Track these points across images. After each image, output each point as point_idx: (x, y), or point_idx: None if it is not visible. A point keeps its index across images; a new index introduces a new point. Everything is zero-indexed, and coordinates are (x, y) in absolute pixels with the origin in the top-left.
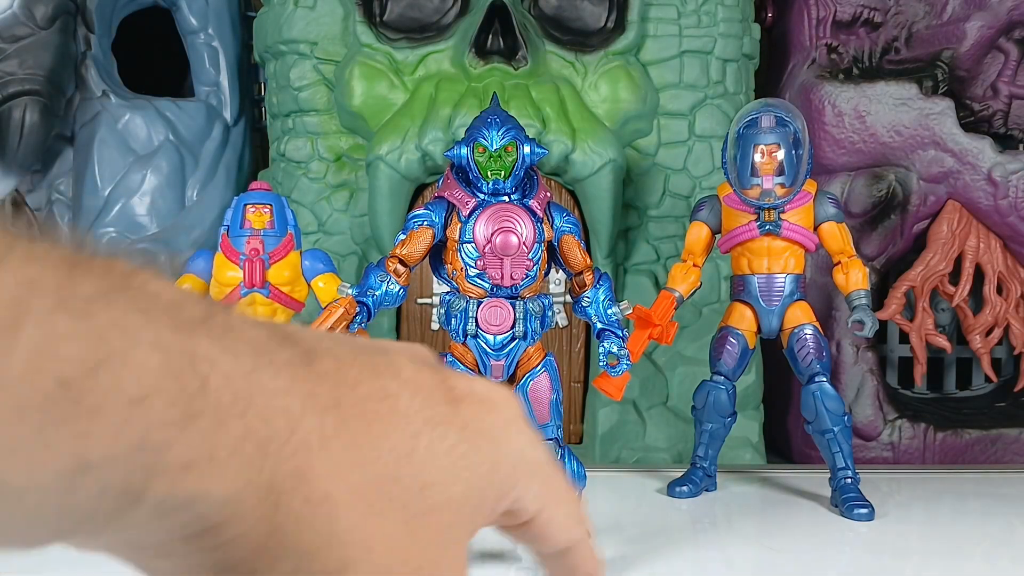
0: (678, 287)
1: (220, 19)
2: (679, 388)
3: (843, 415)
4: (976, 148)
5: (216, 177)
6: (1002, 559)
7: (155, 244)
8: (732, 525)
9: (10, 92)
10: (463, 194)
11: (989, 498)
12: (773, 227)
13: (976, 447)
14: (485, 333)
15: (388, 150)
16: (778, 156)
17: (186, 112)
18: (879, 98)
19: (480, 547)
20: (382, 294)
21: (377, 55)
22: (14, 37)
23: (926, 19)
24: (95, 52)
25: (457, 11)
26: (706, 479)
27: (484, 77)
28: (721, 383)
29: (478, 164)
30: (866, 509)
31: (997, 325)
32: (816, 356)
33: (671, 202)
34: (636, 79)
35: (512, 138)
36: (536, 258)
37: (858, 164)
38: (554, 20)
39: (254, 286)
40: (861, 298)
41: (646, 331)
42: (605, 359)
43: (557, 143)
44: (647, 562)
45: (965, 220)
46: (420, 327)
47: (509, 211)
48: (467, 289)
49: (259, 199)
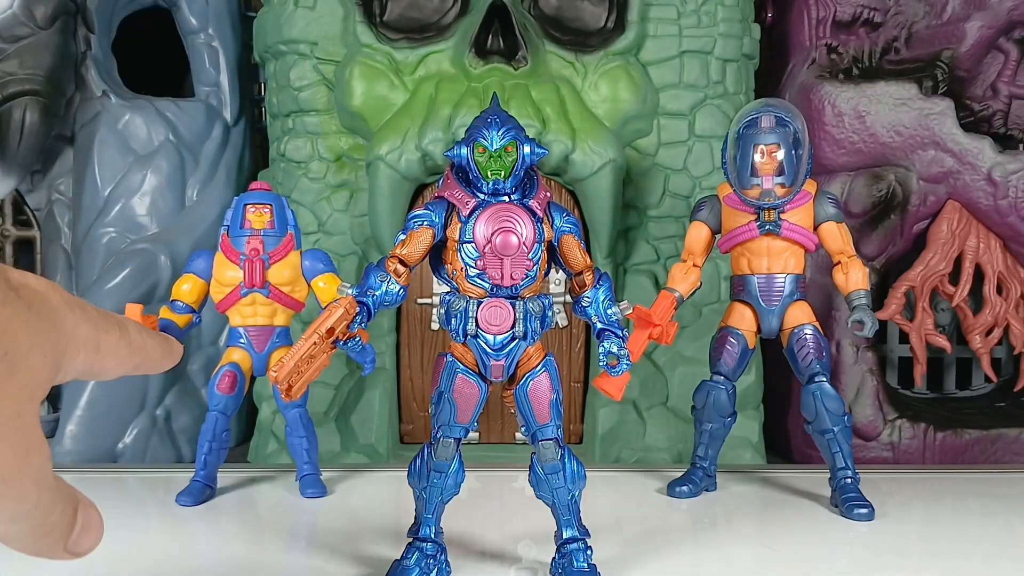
0: (678, 287)
1: (220, 19)
2: (679, 388)
3: (843, 415)
4: (976, 148)
5: (216, 177)
6: (1002, 559)
7: (155, 244)
8: (732, 525)
9: (10, 92)
10: (463, 194)
11: (989, 498)
12: (773, 227)
13: (976, 447)
14: (485, 333)
15: (388, 150)
16: (778, 156)
17: (186, 112)
18: (879, 98)
19: (480, 547)
20: (382, 294)
21: (377, 55)
22: (14, 37)
23: (926, 19)
24: (95, 52)
25: (457, 11)
26: (706, 479)
27: (484, 77)
28: (721, 383)
29: (478, 164)
30: (866, 509)
31: (997, 325)
32: (816, 356)
33: (671, 202)
34: (636, 79)
35: (512, 138)
36: (536, 258)
37: (858, 164)
38: (554, 20)
39: (254, 286)
40: (861, 298)
41: (646, 331)
42: (605, 359)
43: (557, 143)
44: (647, 562)
45: (965, 220)
46: (420, 327)
47: (509, 211)
48: (467, 289)
49: (259, 199)
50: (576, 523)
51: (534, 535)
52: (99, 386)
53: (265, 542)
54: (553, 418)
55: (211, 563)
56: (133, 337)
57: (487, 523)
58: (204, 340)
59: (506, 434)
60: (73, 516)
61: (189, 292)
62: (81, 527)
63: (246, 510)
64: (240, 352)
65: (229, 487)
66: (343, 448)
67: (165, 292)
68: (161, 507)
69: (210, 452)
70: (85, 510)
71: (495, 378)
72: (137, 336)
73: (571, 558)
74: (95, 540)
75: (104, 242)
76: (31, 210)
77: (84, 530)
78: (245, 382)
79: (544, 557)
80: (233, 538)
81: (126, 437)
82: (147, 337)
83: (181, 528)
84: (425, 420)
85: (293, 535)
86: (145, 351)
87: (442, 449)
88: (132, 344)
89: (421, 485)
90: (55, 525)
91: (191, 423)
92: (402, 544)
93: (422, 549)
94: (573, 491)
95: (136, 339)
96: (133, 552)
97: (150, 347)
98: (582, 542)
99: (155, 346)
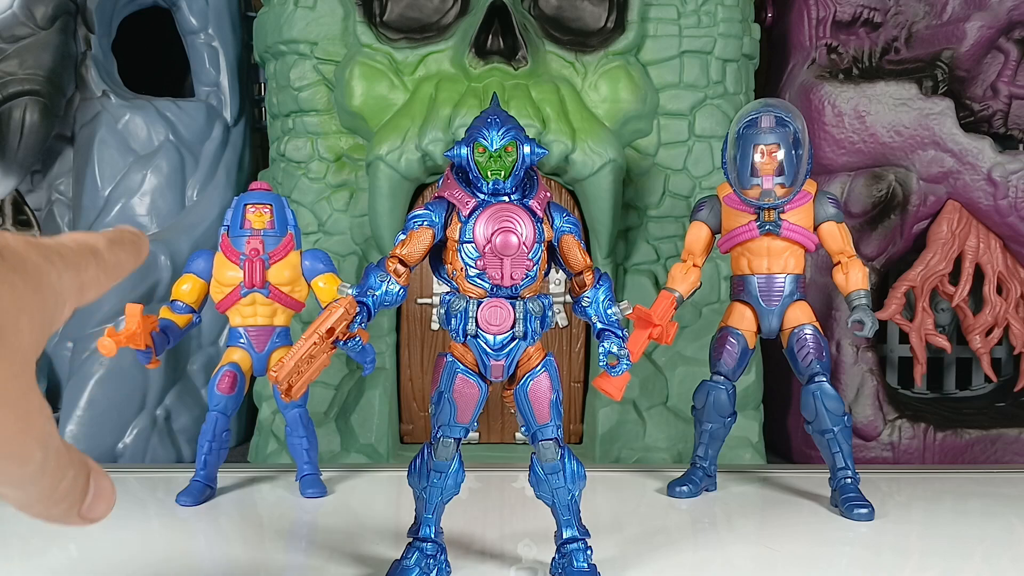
0: (678, 287)
1: (220, 19)
2: (679, 388)
3: (843, 415)
4: (976, 148)
5: (216, 177)
6: (1002, 559)
7: (155, 244)
8: (732, 525)
9: (10, 92)
10: (463, 194)
11: (989, 498)
12: (773, 227)
13: (976, 447)
14: (485, 333)
15: (388, 150)
16: (778, 156)
17: (186, 112)
18: (879, 98)
19: (480, 547)
20: (382, 294)
21: (377, 55)
22: (14, 37)
23: (926, 19)
24: (95, 52)
25: (457, 11)
26: (706, 479)
27: (484, 77)
28: (721, 383)
29: (478, 164)
30: (866, 509)
31: (997, 325)
32: (816, 356)
33: (671, 202)
34: (636, 79)
35: (512, 138)
36: (536, 258)
37: (858, 164)
38: (554, 20)
39: (254, 286)
40: (861, 298)
41: (646, 331)
42: (605, 359)
43: (557, 143)
44: (647, 562)
45: (965, 220)
46: (420, 327)
47: (509, 211)
48: (467, 289)
49: (259, 199)
50: (576, 523)
51: (534, 535)
52: (99, 386)
53: (265, 542)
54: (553, 418)
55: (211, 563)
56: (108, 260)
57: (487, 523)
58: (204, 340)
59: (506, 434)
60: (86, 483)
61: (189, 292)
62: (94, 494)
63: (246, 510)
64: (240, 352)
65: (229, 487)
66: (343, 448)
67: (165, 292)
68: (161, 507)
69: (210, 452)
70: (97, 477)
71: (495, 378)
72: (111, 257)
73: (571, 558)
74: (108, 507)
75: None
76: (31, 210)
77: (96, 497)
78: (245, 382)
79: (544, 557)
80: (233, 538)
81: (126, 437)
82: (119, 251)
83: (181, 528)
84: (425, 420)
85: (293, 535)
86: (119, 266)
87: (442, 449)
88: (108, 267)
89: (421, 485)
90: (67, 492)
91: (191, 423)
92: (402, 544)
93: (422, 549)
94: (573, 491)
95: (110, 260)
96: (133, 552)
97: (123, 260)
98: (582, 542)
99: (127, 257)
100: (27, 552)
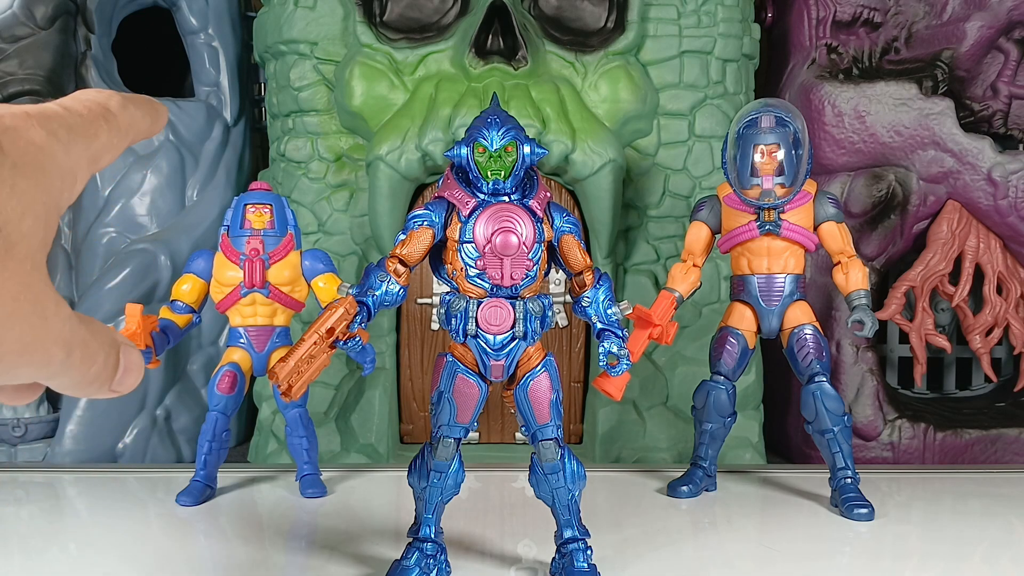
0: (678, 287)
1: (220, 19)
2: (679, 388)
3: (843, 415)
4: (976, 148)
5: (216, 177)
6: (1002, 559)
7: (155, 244)
8: (732, 525)
9: (10, 92)
10: (463, 194)
11: (989, 498)
12: (773, 227)
13: (976, 447)
14: (485, 333)
15: (388, 150)
16: (778, 156)
17: (186, 112)
18: (879, 98)
19: (480, 547)
20: (382, 294)
21: (377, 55)
22: (14, 37)
23: (926, 19)
24: (95, 52)
25: (457, 11)
26: (706, 479)
27: (484, 77)
28: (721, 383)
29: (478, 164)
30: (866, 509)
31: (997, 325)
32: (816, 356)
33: (671, 202)
34: (636, 79)
35: (512, 138)
36: (536, 258)
37: (858, 164)
38: (554, 20)
39: (254, 286)
40: (861, 298)
41: (646, 331)
42: (605, 359)
43: (557, 143)
44: (647, 562)
45: (965, 220)
46: (420, 327)
47: (509, 211)
48: (467, 289)
49: (259, 199)
50: (576, 523)
51: (534, 535)
52: None
53: (265, 542)
54: (553, 418)
55: (211, 563)
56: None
57: (487, 523)
58: (204, 340)
59: (506, 434)
60: (116, 361)
61: (189, 292)
62: (124, 369)
63: (246, 510)
64: (240, 352)
65: (229, 487)
66: (343, 448)
67: (165, 292)
68: (161, 507)
69: (210, 452)
70: (127, 352)
71: (495, 378)
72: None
73: (571, 558)
74: (136, 379)
75: (104, 242)
76: None
77: (126, 371)
78: (245, 382)
79: (544, 557)
80: (233, 538)
81: (126, 437)
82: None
83: (181, 528)
84: (425, 420)
85: (293, 535)
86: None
87: (442, 449)
88: (121, 129)
89: (421, 485)
90: (98, 375)
91: (191, 423)
92: (402, 544)
93: (422, 549)
94: (573, 491)
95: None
96: (133, 552)
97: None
98: (582, 542)
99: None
100: (27, 552)
